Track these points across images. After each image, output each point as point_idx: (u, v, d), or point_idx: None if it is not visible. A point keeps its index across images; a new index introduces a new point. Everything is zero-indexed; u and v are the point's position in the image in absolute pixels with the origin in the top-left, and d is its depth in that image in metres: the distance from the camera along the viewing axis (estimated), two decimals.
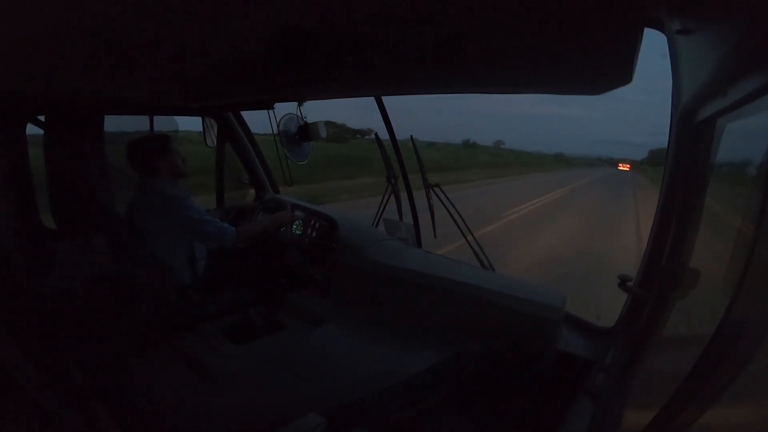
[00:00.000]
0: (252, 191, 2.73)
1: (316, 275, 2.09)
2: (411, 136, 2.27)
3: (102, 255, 1.86)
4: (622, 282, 1.31)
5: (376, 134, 2.10)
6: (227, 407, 1.32)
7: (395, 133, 2.06)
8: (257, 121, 2.43)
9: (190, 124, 2.73)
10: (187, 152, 2.01)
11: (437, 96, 1.70)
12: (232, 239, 1.79)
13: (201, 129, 2.49)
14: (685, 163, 1.11)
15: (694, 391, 0.56)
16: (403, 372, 1.48)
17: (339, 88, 1.63)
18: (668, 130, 1.16)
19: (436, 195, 1.98)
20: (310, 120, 1.98)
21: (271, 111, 1.90)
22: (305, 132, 1.99)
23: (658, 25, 0.83)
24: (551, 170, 40.26)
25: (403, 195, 2.14)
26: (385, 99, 1.87)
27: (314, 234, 2.18)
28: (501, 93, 1.48)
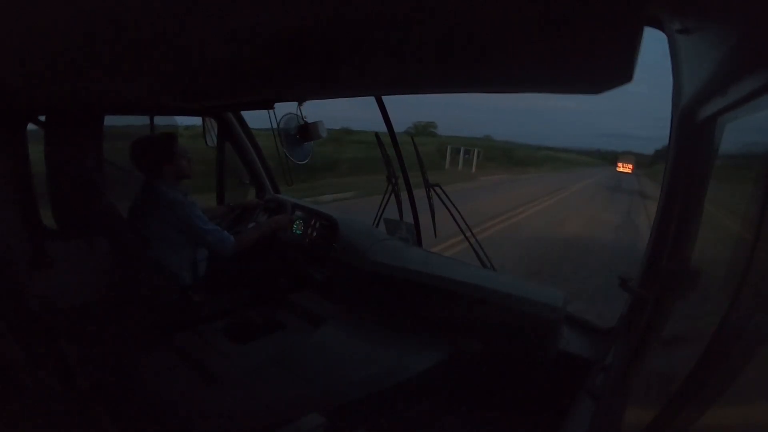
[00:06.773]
0: (253, 191, 2.73)
1: (316, 275, 2.09)
2: (411, 138, 2.27)
3: (102, 255, 1.86)
4: (623, 281, 1.30)
5: (376, 134, 2.10)
6: (227, 407, 1.32)
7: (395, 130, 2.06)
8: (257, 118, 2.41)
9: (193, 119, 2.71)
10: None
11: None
12: (231, 249, 1.82)
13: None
14: (685, 162, 1.10)
15: (695, 391, 0.56)
16: (404, 372, 1.48)
17: (339, 87, 1.63)
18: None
19: (437, 194, 1.99)
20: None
21: (271, 111, 1.90)
22: (305, 132, 1.99)
23: (658, 24, 0.83)
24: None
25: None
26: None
27: (314, 234, 2.18)
28: (500, 93, 1.48)
